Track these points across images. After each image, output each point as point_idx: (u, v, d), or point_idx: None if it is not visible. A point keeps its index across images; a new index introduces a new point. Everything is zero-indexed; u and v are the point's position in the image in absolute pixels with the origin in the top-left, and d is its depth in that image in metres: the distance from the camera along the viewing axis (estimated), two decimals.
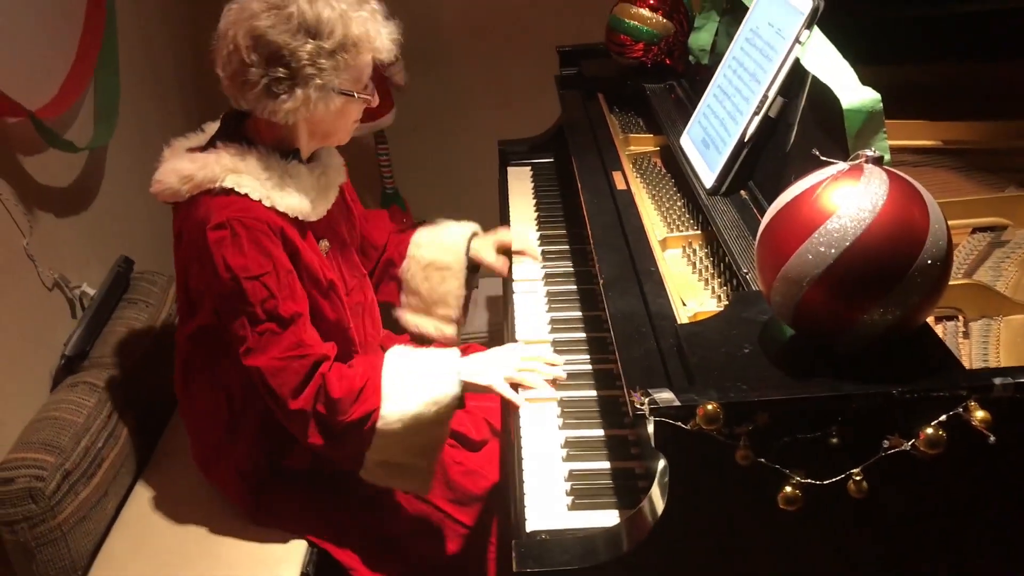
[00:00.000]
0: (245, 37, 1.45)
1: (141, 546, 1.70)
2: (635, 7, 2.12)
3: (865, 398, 1.04)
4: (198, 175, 1.49)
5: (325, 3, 1.47)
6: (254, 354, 1.49)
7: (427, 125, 2.99)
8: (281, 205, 1.52)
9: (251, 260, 1.47)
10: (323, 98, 1.49)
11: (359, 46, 1.50)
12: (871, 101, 1.25)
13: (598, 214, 1.65)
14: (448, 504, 1.78)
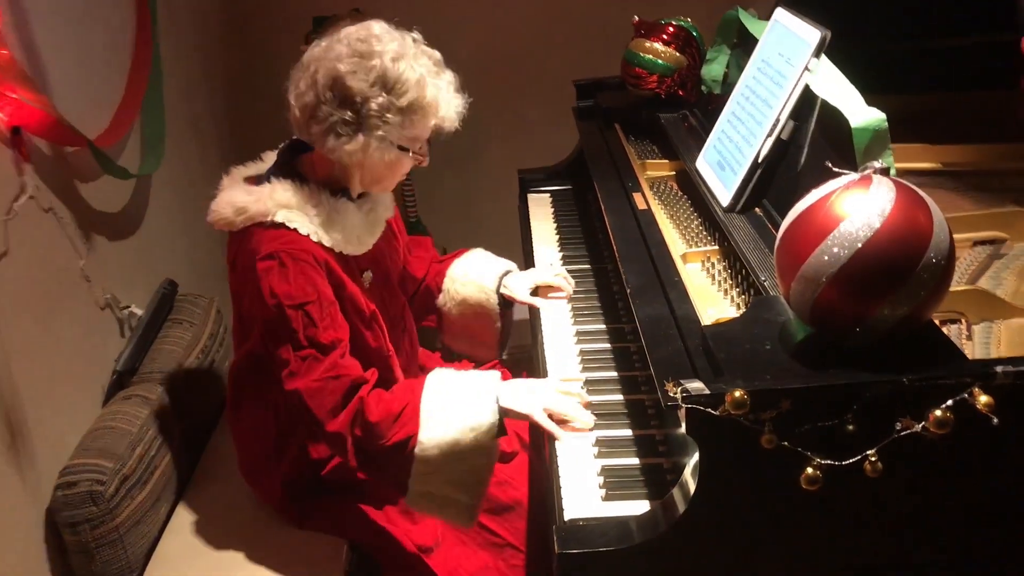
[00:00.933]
0: (325, 76, 1.55)
1: (193, 549, 1.80)
2: (649, 42, 2.25)
3: (878, 386, 1.14)
4: (251, 208, 1.59)
5: (408, 64, 1.56)
6: (295, 378, 1.56)
7: (449, 156, 3.12)
8: (328, 240, 1.62)
9: (296, 289, 1.56)
10: (381, 149, 1.59)
11: (427, 111, 1.60)
12: (877, 120, 1.37)
13: (621, 231, 1.76)
14: (480, 514, 1.88)
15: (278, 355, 1.58)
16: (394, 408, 1.57)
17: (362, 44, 1.57)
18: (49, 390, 1.77)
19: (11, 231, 1.67)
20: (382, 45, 1.57)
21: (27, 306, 1.72)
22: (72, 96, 1.92)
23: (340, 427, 1.56)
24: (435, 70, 1.63)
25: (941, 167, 1.96)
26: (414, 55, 1.60)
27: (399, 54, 1.58)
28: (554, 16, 3.12)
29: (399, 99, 1.57)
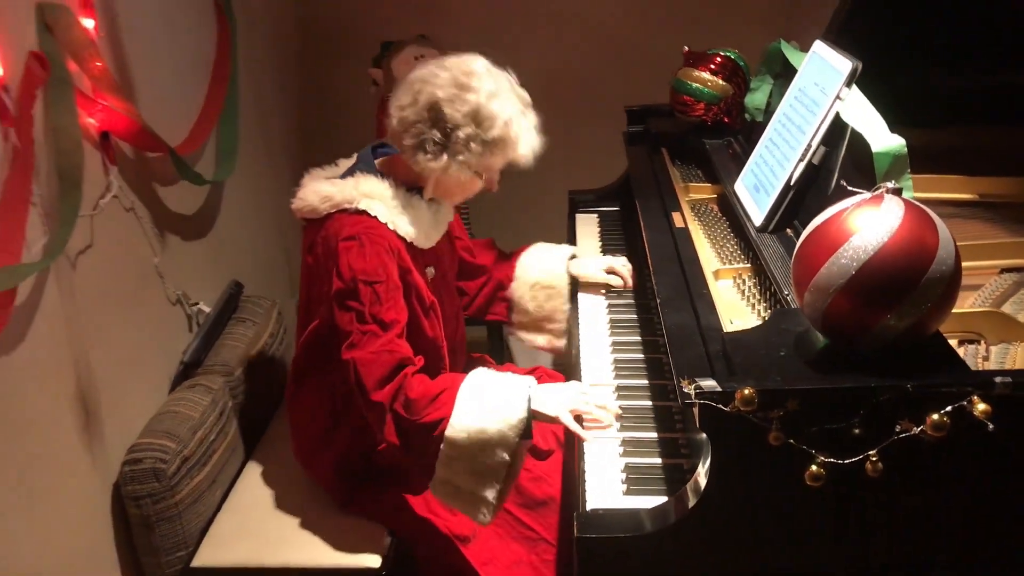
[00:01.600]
0: (427, 98, 1.71)
1: (243, 529, 1.92)
2: (697, 71, 2.35)
3: (882, 390, 1.21)
4: (336, 196, 1.76)
5: (501, 105, 1.72)
6: (354, 348, 1.69)
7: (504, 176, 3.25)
8: (401, 230, 1.78)
9: (370, 267, 1.71)
10: (459, 171, 1.75)
11: (506, 147, 1.76)
12: (897, 146, 1.45)
13: (657, 246, 1.86)
14: (516, 507, 1.97)
15: (342, 325, 1.72)
16: (433, 390, 1.68)
17: (464, 77, 1.73)
18: (121, 375, 1.92)
19: (96, 226, 1.83)
20: (480, 82, 1.73)
21: (105, 296, 1.88)
22: (157, 106, 2.09)
23: (383, 398, 1.67)
24: (522, 111, 1.79)
25: (978, 198, 2.02)
26: (507, 95, 1.76)
27: (493, 93, 1.73)
28: (609, 44, 3.26)
29: (485, 133, 1.72)
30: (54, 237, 1.62)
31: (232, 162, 2.40)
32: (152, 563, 1.88)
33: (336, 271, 1.72)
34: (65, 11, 1.71)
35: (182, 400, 1.99)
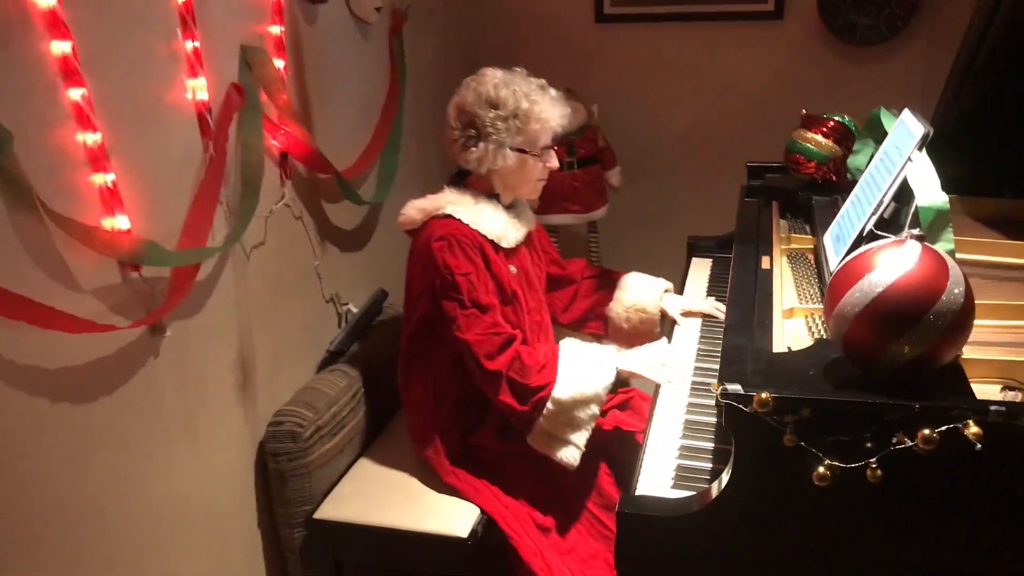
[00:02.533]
0: (454, 109, 2.13)
1: (360, 493, 2.25)
2: (811, 132, 2.54)
3: (889, 408, 1.38)
4: (429, 206, 2.15)
5: (508, 86, 2.10)
6: (462, 331, 2.06)
7: (632, 221, 3.53)
8: (483, 229, 2.13)
9: (462, 262, 2.07)
10: (500, 152, 2.12)
11: (528, 117, 2.12)
12: (940, 203, 1.62)
13: (739, 283, 2.06)
14: (597, 508, 2.21)
15: (448, 312, 2.09)
16: (540, 359, 2.06)
17: (474, 80, 2.16)
18: (277, 354, 2.31)
19: (268, 227, 2.24)
20: (488, 78, 2.14)
21: (272, 287, 2.27)
22: (330, 136, 2.50)
23: (499, 367, 2.04)
24: (537, 89, 2.15)
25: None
26: (516, 80, 2.14)
27: (502, 81, 2.13)
28: (740, 104, 3.50)
29: (504, 110, 2.10)
30: (233, 230, 2.03)
31: (389, 188, 2.79)
32: (282, 513, 2.23)
33: (435, 268, 2.07)
34: (262, 52, 2.14)
35: (323, 380, 2.35)
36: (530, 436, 2.08)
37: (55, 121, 1.56)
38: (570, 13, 3.54)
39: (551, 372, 2.04)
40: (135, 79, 1.75)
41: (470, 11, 3.63)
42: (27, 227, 1.50)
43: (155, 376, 1.85)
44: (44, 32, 1.52)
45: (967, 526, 1.43)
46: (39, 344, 1.54)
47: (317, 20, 2.44)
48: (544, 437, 2.07)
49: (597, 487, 2.21)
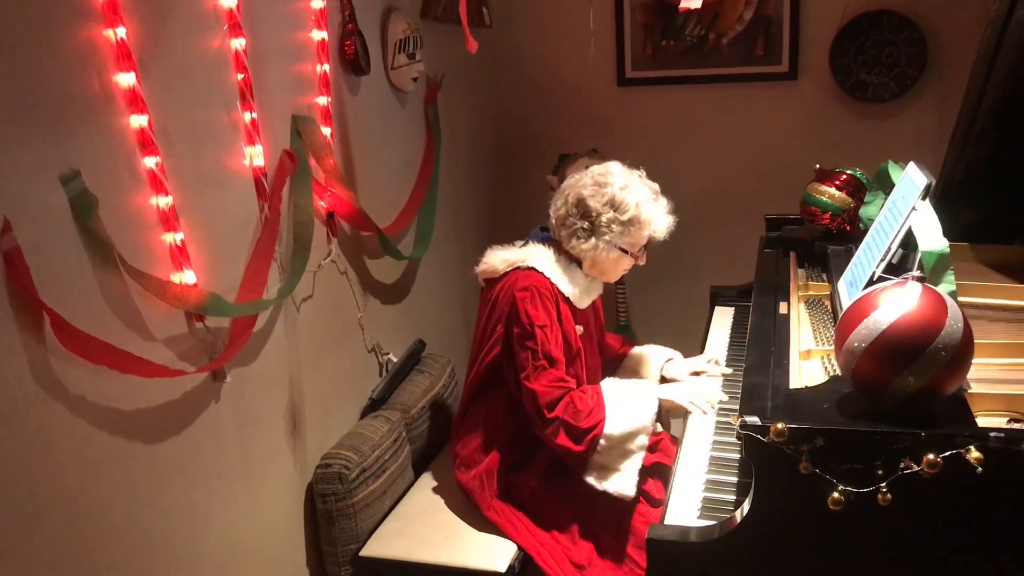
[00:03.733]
0: (574, 197, 2.26)
1: (403, 532, 2.37)
2: (825, 185, 2.68)
3: (897, 436, 1.50)
4: (513, 257, 2.31)
5: (631, 193, 2.24)
6: (531, 380, 2.21)
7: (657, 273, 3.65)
8: (563, 287, 2.28)
9: (541, 313, 2.21)
10: (607, 250, 2.26)
11: (641, 225, 2.26)
12: (941, 248, 1.75)
13: (758, 327, 2.19)
14: (629, 546, 2.31)
15: (520, 360, 2.23)
16: (591, 403, 2.21)
17: (601, 176, 2.28)
18: (324, 399, 2.46)
19: (317, 281, 2.40)
20: (614, 179, 2.26)
21: (319, 337, 2.43)
22: (372, 196, 2.68)
23: (558, 413, 2.19)
24: (652, 197, 2.29)
25: None
26: (637, 186, 2.27)
27: (625, 185, 2.26)
28: (759, 160, 3.66)
29: (622, 215, 2.24)
30: (286, 283, 2.19)
31: (427, 244, 2.96)
32: (330, 552, 2.36)
33: (516, 317, 2.22)
34: (311, 122, 2.33)
35: (367, 426, 2.49)
36: (586, 474, 2.21)
37: (133, 186, 1.74)
38: (594, 77, 3.73)
39: (600, 411, 2.20)
40: (200, 147, 1.93)
41: (500, 78, 3.84)
42: (108, 281, 1.66)
43: (216, 419, 2.00)
44: (125, 108, 1.71)
45: (973, 547, 1.53)
46: (117, 388, 1.69)
47: (360, 90, 2.64)
48: (600, 471, 2.21)
49: (632, 527, 2.32)
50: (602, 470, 2.21)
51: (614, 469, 2.20)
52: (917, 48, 3.34)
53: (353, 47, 2.50)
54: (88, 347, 1.58)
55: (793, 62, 3.51)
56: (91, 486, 1.65)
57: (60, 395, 1.57)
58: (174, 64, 1.84)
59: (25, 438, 1.50)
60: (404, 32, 2.81)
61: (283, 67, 2.25)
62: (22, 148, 1.49)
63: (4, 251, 1.45)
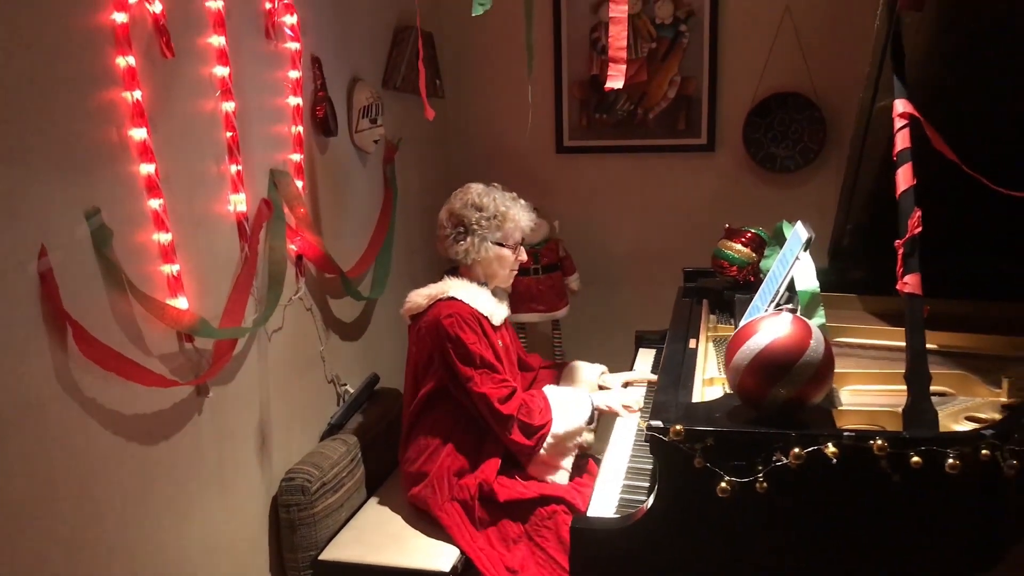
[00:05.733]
0: (445, 213, 2.69)
1: (358, 539, 2.65)
2: (732, 242, 3.08)
3: (770, 435, 1.86)
4: (433, 292, 2.65)
5: (489, 195, 2.68)
6: (479, 385, 2.56)
7: (589, 319, 4.05)
8: (479, 308, 2.64)
9: (469, 333, 2.57)
10: (483, 244, 2.67)
11: (505, 217, 2.70)
12: (813, 289, 2.14)
13: (669, 358, 2.54)
14: (558, 552, 2.62)
15: (465, 374, 2.58)
16: (539, 402, 2.61)
17: (461, 191, 2.75)
18: (288, 422, 2.75)
19: (286, 315, 2.71)
20: (473, 188, 2.75)
21: (286, 365, 2.73)
22: (336, 242, 3.01)
23: (511, 411, 2.57)
24: (510, 199, 2.75)
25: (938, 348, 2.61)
26: (494, 192, 2.74)
27: (484, 191, 2.73)
28: (681, 220, 4.08)
29: (486, 213, 2.68)
30: (261, 315, 2.50)
31: (383, 286, 3.29)
32: (291, 557, 2.62)
33: (449, 340, 2.56)
34: (286, 175, 2.66)
35: (326, 446, 2.78)
36: (530, 467, 2.61)
37: (140, 223, 2.05)
38: (535, 145, 4.14)
39: (548, 412, 2.61)
40: (194, 193, 2.25)
41: (450, 143, 4.23)
42: (117, 302, 1.96)
43: (198, 430, 2.28)
44: (137, 157, 2.03)
45: (833, 522, 1.88)
46: (120, 394, 1.98)
47: (328, 149, 2.99)
48: (542, 467, 2.61)
49: (561, 537, 2.63)
50: (543, 465, 2.59)
51: (554, 466, 2.60)
52: (818, 126, 3.81)
53: (323, 112, 2.85)
54: (102, 355, 1.87)
55: (711, 136, 3.96)
56: (98, 476, 1.93)
57: (76, 395, 1.86)
58: (177, 122, 2.17)
59: (47, 429, 1.79)
60: (368, 100, 3.18)
61: (264, 127, 2.59)
62: (58, 187, 1.80)
63: (40, 271, 1.75)
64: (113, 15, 1.94)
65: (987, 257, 2.75)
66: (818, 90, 3.77)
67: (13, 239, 1.70)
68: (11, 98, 1.69)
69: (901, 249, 1.99)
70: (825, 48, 3.72)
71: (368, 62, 3.30)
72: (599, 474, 2.39)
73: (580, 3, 3.96)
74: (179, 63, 2.14)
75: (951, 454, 1.77)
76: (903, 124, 2.03)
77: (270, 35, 2.59)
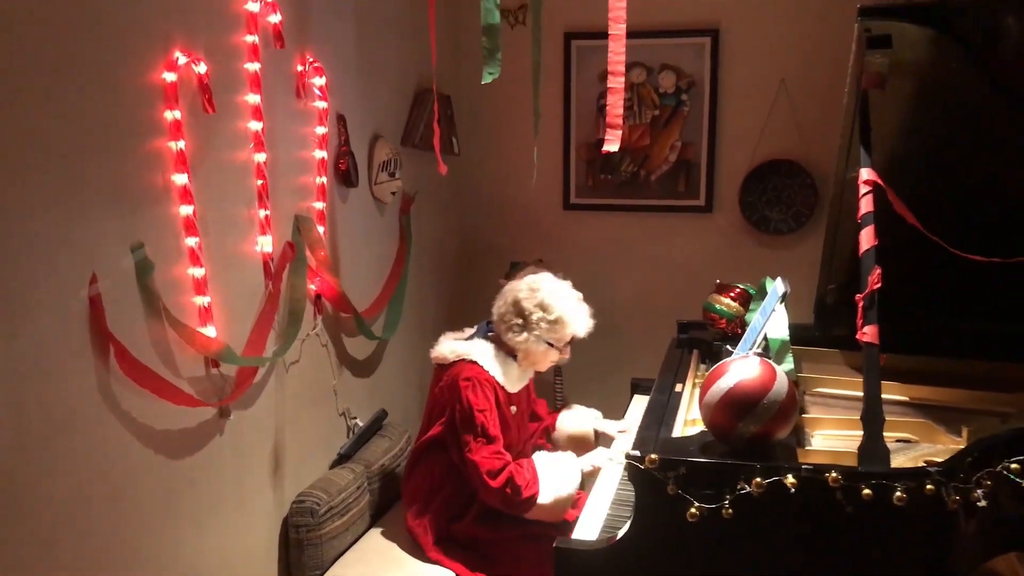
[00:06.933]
0: (511, 298, 2.84)
1: (361, 561, 2.83)
2: (721, 296, 3.29)
3: (736, 466, 2.05)
4: (460, 350, 2.82)
5: (557, 298, 2.82)
6: (472, 453, 2.70)
7: (589, 366, 4.25)
8: (499, 378, 2.81)
9: (481, 400, 2.73)
10: (536, 343, 2.82)
11: (565, 324, 2.84)
12: (783, 338, 2.35)
13: (655, 400, 2.74)
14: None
15: (463, 439, 2.72)
16: (527, 477, 2.70)
17: (534, 283, 2.87)
18: (301, 449, 2.95)
19: (303, 350, 2.93)
20: (544, 285, 2.85)
21: (301, 396, 2.94)
22: (352, 283, 3.24)
23: (498, 484, 2.68)
24: (575, 302, 2.87)
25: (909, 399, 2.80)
26: (563, 293, 2.87)
27: (553, 291, 2.84)
28: (673, 276, 4.31)
29: (549, 315, 2.81)
30: (280, 347, 2.72)
31: (395, 328, 3.51)
32: (298, 575, 2.81)
33: (460, 403, 2.73)
34: (309, 221, 2.91)
35: (336, 474, 2.98)
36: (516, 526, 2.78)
37: (178, 259, 2.29)
38: (543, 201, 4.40)
39: (535, 484, 2.72)
40: (226, 234, 2.50)
41: (463, 197, 4.49)
42: (155, 327, 2.19)
43: (219, 449, 2.49)
44: (177, 199, 2.27)
45: (792, 543, 2.06)
46: (152, 410, 2.20)
47: (349, 199, 3.24)
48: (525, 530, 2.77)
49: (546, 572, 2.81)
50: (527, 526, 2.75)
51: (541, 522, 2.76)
52: (810, 192, 4.04)
53: (346, 165, 3.11)
54: (140, 374, 2.10)
55: (709, 198, 4.20)
56: (127, 484, 2.14)
57: (114, 409, 2.08)
58: (214, 169, 2.42)
59: (87, 437, 2.01)
60: (387, 155, 3.44)
61: (291, 177, 2.85)
62: (108, 223, 2.05)
63: (90, 296, 1.99)
64: (164, 75, 2.20)
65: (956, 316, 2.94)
66: (810, 158, 4.01)
67: (69, 266, 1.94)
68: (73, 143, 1.95)
69: (861, 303, 2.19)
70: (817, 119, 3.96)
71: (389, 121, 3.57)
72: (586, 503, 2.58)
73: (588, 71, 4.24)
74: (219, 117, 2.39)
75: (899, 488, 1.96)
76: (867, 190, 2.26)
77: (300, 94, 2.86)
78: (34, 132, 1.85)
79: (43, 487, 1.90)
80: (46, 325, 1.89)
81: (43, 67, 1.87)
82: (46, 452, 1.90)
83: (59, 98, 1.91)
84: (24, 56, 1.82)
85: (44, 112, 1.87)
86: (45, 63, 1.87)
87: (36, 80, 1.85)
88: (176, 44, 2.23)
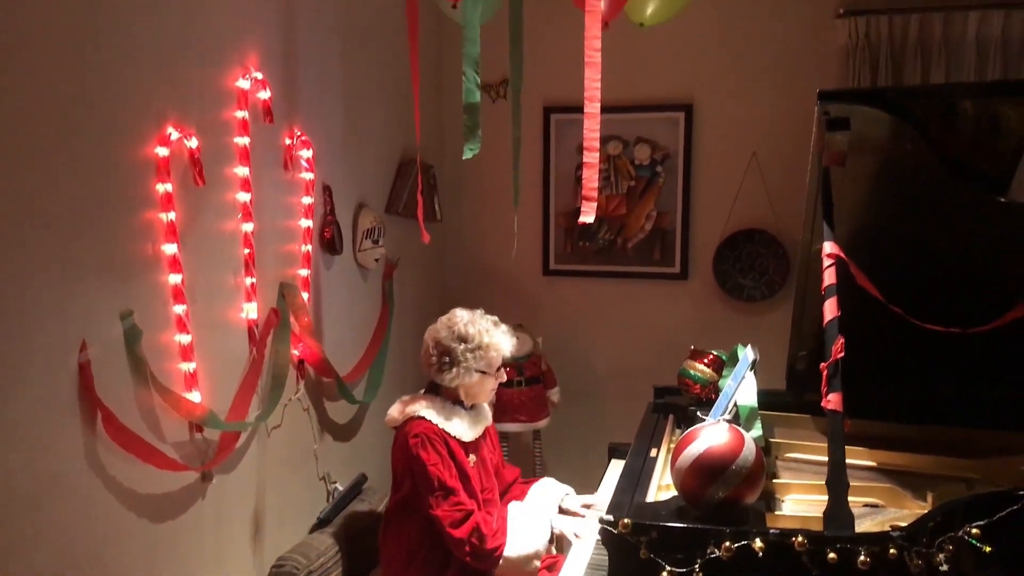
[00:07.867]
0: (432, 340, 2.88)
1: None
2: (696, 362, 3.38)
3: (706, 531, 2.11)
4: (407, 409, 2.86)
5: (474, 326, 2.87)
6: (433, 508, 2.72)
7: (567, 430, 4.32)
8: (449, 429, 2.84)
9: (431, 454, 2.76)
10: (468, 374, 2.85)
11: (489, 348, 2.89)
12: (752, 404, 2.43)
13: (630, 464, 2.81)
14: None
15: (424, 494, 2.76)
16: (494, 525, 2.74)
17: (448, 320, 2.92)
18: (281, 514, 2.99)
19: (285, 414, 2.99)
20: (458, 318, 2.91)
21: (282, 460, 2.99)
22: (335, 349, 3.31)
23: (462, 535, 2.71)
24: (492, 326, 2.93)
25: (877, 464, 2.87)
26: (479, 320, 2.92)
27: (469, 321, 2.90)
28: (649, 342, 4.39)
29: (469, 344, 2.86)
30: (263, 411, 2.78)
31: (376, 392, 3.57)
32: None
33: (413, 461, 2.77)
34: (294, 288, 2.99)
35: (315, 539, 3.01)
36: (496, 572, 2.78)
37: (166, 326, 2.36)
38: (523, 266, 4.49)
39: (502, 535, 2.76)
40: (212, 301, 2.57)
41: (444, 263, 4.59)
42: (141, 393, 2.25)
43: (200, 513, 2.53)
44: (167, 268, 2.35)
45: None
46: (136, 475, 2.25)
47: (333, 266, 3.32)
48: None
49: None
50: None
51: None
52: (782, 260, 4.16)
53: (331, 233, 3.20)
54: (126, 438, 2.15)
55: (684, 266, 4.32)
56: (110, 547, 2.18)
57: (100, 473, 2.13)
58: (203, 239, 2.51)
59: (72, 501, 2.05)
60: (371, 223, 3.54)
61: (277, 245, 2.94)
62: (100, 291, 2.12)
63: (80, 363, 2.05)
64: (157, 149, 2.29)
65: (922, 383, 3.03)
66: (781, 228, 4.13)
67: (59, 333, 2.01)
68: (66, 213, 2.03)
69: (825, 371, 2.27)
70: (787, 190, 4.09)
71: (374, 189, 3.68)
72: (562, 568, 2.62)
73: (567, 143, 4.38)
74: (209, 189, 2.49)
75: (863, 552, 2.03)
76: (830, 263, 2.36)
77: (288, 166, 2.96)
78: (30, 202, 1.94)
79: (27, 551, 1.94)
80: (37, 391, 1.95)
81: (41, 140, 1.96)
82: (32, 516, 1.94)
83: (55, 170, 2.00)
84: (23, 129, 1.91)
85: (40, 183, 1.96)
86: (43, 136, 1.96)
87: (35, 152, 1.94)
88: (169, 120, 2.33)
